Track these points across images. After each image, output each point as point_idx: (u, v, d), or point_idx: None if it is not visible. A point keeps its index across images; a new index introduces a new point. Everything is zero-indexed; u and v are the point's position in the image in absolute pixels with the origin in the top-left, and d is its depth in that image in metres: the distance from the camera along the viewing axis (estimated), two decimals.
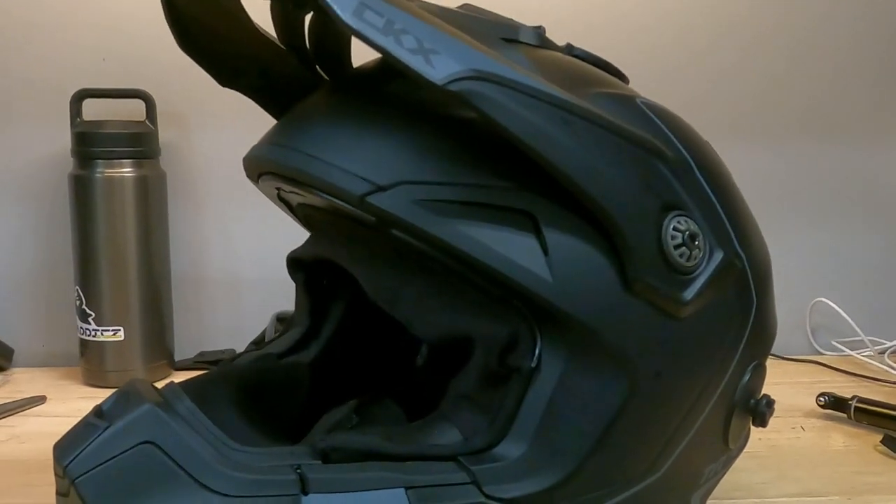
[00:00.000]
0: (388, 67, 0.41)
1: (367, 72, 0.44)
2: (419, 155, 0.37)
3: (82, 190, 0.84)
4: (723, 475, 0.47)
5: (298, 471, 0.36)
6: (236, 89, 0.50)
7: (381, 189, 0.36)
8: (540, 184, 0.37)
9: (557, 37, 0.48)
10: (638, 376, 0.38)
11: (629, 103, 0.42)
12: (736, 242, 0.42)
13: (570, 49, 0.47)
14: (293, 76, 0.46)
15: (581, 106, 0.37)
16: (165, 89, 0.88)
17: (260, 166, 0.43)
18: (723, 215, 0.42)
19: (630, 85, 0.48)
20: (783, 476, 0.63)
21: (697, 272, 0.39)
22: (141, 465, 0.36)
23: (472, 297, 0.39)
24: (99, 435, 0.36)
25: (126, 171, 0.84)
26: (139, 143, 0.84)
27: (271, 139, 0.42)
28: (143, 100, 0.86)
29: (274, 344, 0.52)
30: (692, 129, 0.45)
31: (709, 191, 0.42)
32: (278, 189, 0.46)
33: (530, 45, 0.45)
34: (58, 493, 0.38)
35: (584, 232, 0.37)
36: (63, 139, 0.85)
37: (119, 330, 0.84)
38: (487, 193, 0.37)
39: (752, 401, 0.45)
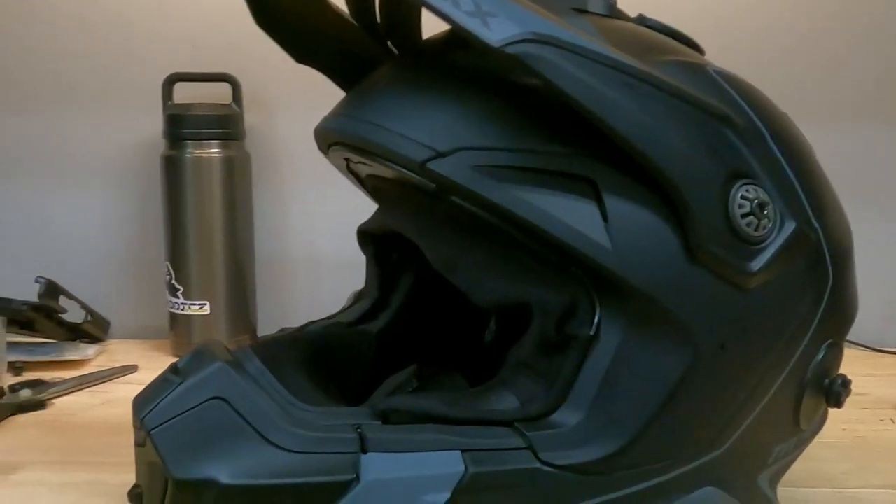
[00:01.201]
0: (453, 38, 0.41)
1: (433, 44, 0.44)
2: (478, 121, 0.37)
3: (172, 170, 0.87)
4: (795, 457, 0.45)
5: (358, 430, 0.37)
6: (311, 66, 0.51)
7: (440, 155, 0.37)
8: (601, 149, 0.36)
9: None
10: (700, 348, 0.37)
11: (700, 71, 0.41)
12: (811, 214, 0.41)
13: (642, 19, 0.47)
14: (366, 53, 0.47)
15: (646, 71, 0.36)
16: (251, 74, 0.91)
17: (328, 136, 0.44)
18: (797, 186, 0.40)
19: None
20: (866, 467, 0.61)
21: (766, 242, 0.38)
22: (211, 419, 0.37)
23: (530, 264, 0.39)
24: (173, 389, 0.38)
25: (213, 151, 0.87)
26: (226, 125, 0.87)
27: (339, 110, 0.44)
28: (230, 83, 0.89)
29: (344, 314, 0.54)
30: (767, 98, 0.44)
31: (782, 160, 0.40)
32: (347, 160, 0.47)
33: (600, 14, 0.44)
34: (136, 445, 0.40)
35: (646, 199, 0.37)
36: (157, 122, 0.89)
37: (205, 304, 0.88)
38: (547, 159, 0.37)
39: (827, 380, 0.43)
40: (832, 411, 0.70)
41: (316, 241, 0.98)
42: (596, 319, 0.38)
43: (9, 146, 0.98)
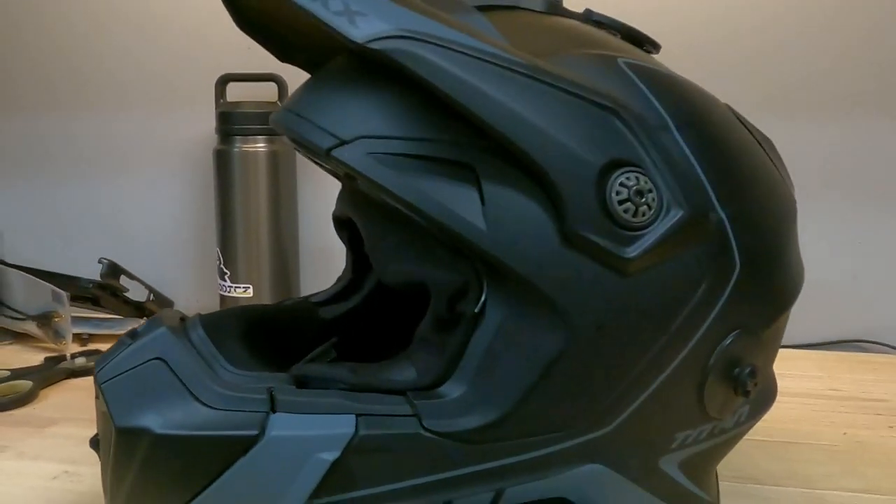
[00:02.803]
0: None
1: None
2: (379, 111, 0.40)
3: (223, 163, 0.95)
4: (713, 445, 0.45)
5: (271, 392, 0.41)
6: (295, 64, 0.56)
7: (343, 143, 0.40)
8: (482, 138, 0.39)
9: None
10: (576, 328, 0.39)
11: (608, 63, 0.42)
12: (716, 202, 0.41)
13: (588, 15, 0.48)
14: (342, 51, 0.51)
15: (521, 62, 0.38)
16: (296, 75, 0.96)
17: (275, 127, 0.48)
18: (700, 174, 0.41)
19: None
20: (850, 471, 0.59)
21: (647, 229, 0.39)
22: (151, 377, 0.42)
23: (432, 248, 0.41)
24: (124, 350, 0.44)
25: (260, 146, 0.94)
26: None
27: (284, 104, 0.48)
28: (277, 83, 0.96)
29: (318, 294, 0.58)
30: (689, 91, 0.44)
31: (686, 149, 0.41)
32: None
33: (533, 10, 0.46)
34: (95, 398, 0.46)
35: (523, 185, 0.38)
36: (213, 120, 0.97)
37: (249, 287, 0.95)
38: (435, 147, 0.39)
39: (737, 369, 0.43)
40: (841, 416, 0.69)
41: None
42: (482, 299, 0.40)
43: (81, 146, 1.10)
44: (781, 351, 0.89)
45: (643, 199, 0.39)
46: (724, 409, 0.44)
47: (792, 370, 0.84)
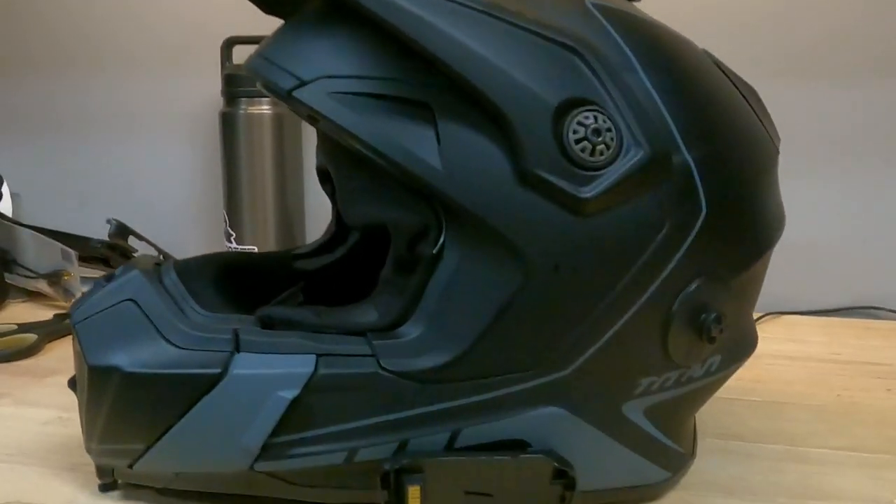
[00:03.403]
0: None
1: None
2: (340, 51, 0.40)
3: (228, 125, 0.96)
4: (682, 394, 0.45)
5: (236, 332, 0.42)
6: (279, 17, 0.56)
7: (304, 83, 0.40)
8: (440, 77, 0.38)
9: None
10: (532, 268, 0.38)
11: (575, 3, 0.42)
12: (682, 143, 0.40)
13: None
14: None
15: (482, 1, 0.38)
16: None
17: (247, 74, 0.48)
18: (665, 115, 0.40)
19: None
20: (837, 431, 0.58)
21: (605, 169, 0.38)
22: (122, 317, 0.43)
23: (394, 190, 0.41)
24: (98, 292, 0.45)
25: (265, 108, 0.95)
26: None
27: (256, 49, 0.48)
28: None
29: (303, 247, 0.59)
30: (661, 33, 0.44)
31: (651, 90, 0.40)
32: None
33: None
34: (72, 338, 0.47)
35: (479, 124, 0.38)
36: (219, 82, 0.98)
37: (254, 249, 0.96)
38: (393, 86, 0.39)
39: (703, 315, 0.42)
40: (838, 379, 0.68)
41: None
42: (441, 240, 0.40)
43: (92, 109, 1.12)
44: (786, 317, 0.89)
45: (600, 139, 0.38)
46: (691, 356, 0.43)
47: (796, 335, 0.83)
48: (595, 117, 0.38)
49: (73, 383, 0.48)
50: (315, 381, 0.40)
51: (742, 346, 0.49)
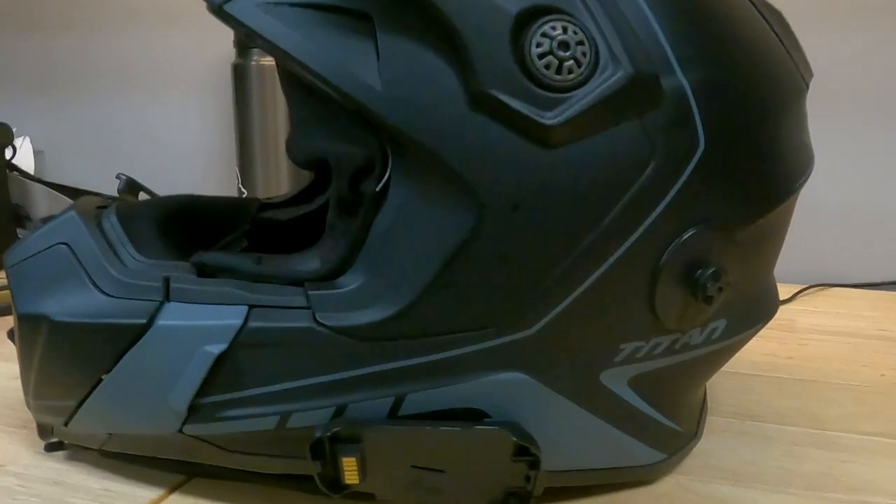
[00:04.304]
0: None
1: None
2: None
3: (240, 77, 0.92)
4: (677, 363, 0.38)
5: (167, 280, 0.37)
6: None
7: None
8: None
9: None
10: (487, 208, 0.33)
11: None
12: (674, 63, 0.34)
13: None
14: None
15: None
16: None
17: None
18: (656, 28, 0.33)
19: None
20: (874, 414, 0.51)
21: (575, 91, 0.32)
22: (54, 262, 0.40)
23: (341, 120, 0.36)
24: (32, 234, 0.41)
25: None
26: None
27: None
28: None
29: (278, 196, 0.54)
30: None
31: (642, 3, 0.34)
32: None
33: None
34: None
35: (425, 37, 0.32)
36: (230, 33, 0.94)
37: None
38: None
39: (699, 271, 0.36)
40: (882, 357, 0.60)
41: None
42: (386, 177, 0.35)
43: (113, 65, 1.09)
44: (833, 290, 0.80)
45: (569, 53, 0.32)
46: (685, 320, 0.37)
47: (839, 308, 0.74)
48: (564, 28, 0.32)
49: (11, 334, 0.44)
50: (244, 335, 0.36)
51: (756, 310, 0.42)
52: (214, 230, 0.48)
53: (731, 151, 0.36)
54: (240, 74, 0.92)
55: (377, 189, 0.35)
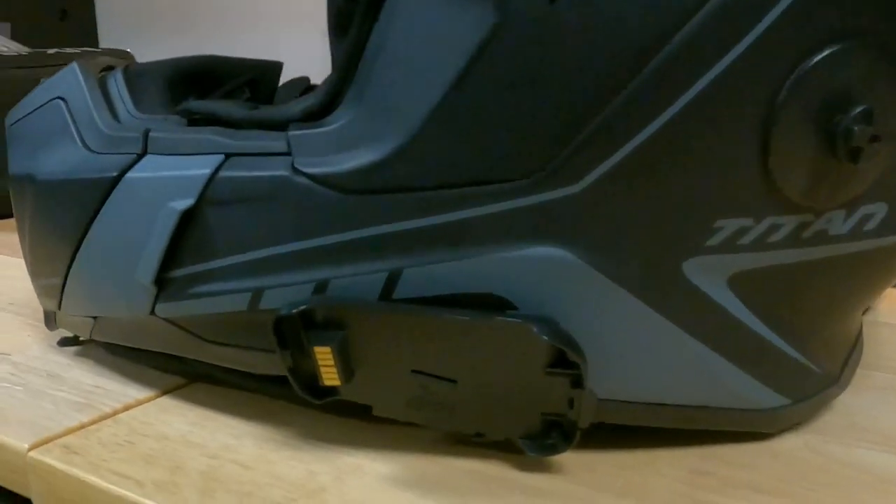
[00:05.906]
0: None
1: None
2: None
3: None
4: (807, 262, 0.26)
5: (147, 131, 0.31)
6: None
7: None
8: None
9: None
10: (512, 14, 0.23)
11: None
12: None
13: None
14: None
15: None
16: None
17: None
18: None
19: None
20: None
21: None
22: (49, 118, 0.36)
23: None
24: (35, 90, 0.37)
25: None
26: None
27: None
28: None
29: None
30: None
31: None
32: None
33: None
34: None
35: None
36: None
37: None
38: None
39: (839, 115, 0.24)
40: None
41: None
42: None
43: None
44: None
45: None
46: (820, 191, 0.25)
47: None
48: None
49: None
50: (213, 187, 0.28)
51: None
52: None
53: None
54: None
55: None
